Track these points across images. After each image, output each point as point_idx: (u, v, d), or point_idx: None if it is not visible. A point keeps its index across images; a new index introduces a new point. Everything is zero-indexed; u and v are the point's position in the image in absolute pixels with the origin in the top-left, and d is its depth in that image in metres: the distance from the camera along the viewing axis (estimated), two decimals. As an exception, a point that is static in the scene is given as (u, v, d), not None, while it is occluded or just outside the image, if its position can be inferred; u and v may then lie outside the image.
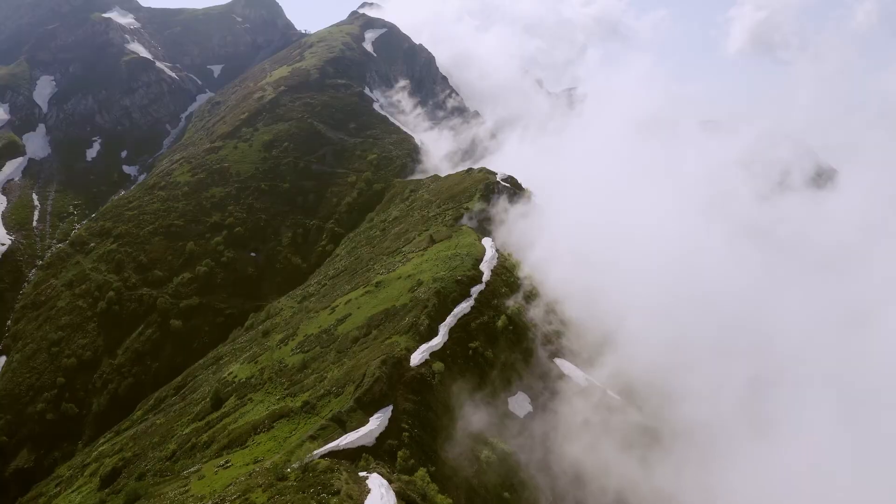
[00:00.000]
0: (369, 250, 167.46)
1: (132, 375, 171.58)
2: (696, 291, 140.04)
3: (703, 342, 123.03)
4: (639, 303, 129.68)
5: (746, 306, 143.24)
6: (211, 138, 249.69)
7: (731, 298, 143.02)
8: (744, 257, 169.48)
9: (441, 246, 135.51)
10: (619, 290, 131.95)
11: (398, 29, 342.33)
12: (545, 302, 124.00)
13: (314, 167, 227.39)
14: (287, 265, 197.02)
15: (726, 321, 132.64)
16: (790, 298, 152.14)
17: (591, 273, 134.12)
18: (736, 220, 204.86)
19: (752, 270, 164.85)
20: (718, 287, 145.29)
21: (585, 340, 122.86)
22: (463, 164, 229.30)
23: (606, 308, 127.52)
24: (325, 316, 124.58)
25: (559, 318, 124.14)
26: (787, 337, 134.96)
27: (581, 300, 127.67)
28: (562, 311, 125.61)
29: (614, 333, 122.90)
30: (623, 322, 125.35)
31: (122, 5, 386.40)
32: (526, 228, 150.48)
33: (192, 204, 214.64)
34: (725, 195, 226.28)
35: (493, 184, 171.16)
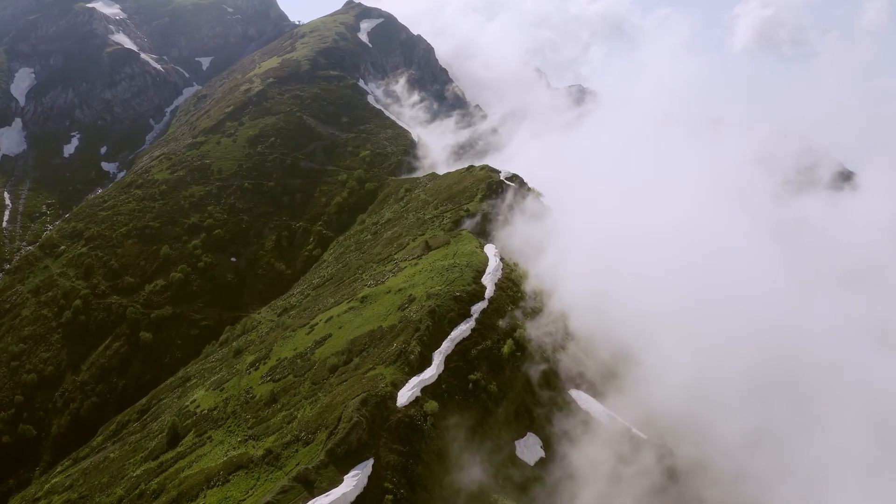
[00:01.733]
0: (358, 256, 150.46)
1: (96, 394, 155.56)
2: (723, 304, 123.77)
3: (735, 369, 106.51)
4: (663, 319, 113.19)
5: (778, 321, 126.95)
6: (193, 133, 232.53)
7: (761, 311, 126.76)
8: (771, 263, 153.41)
9: (437, 254, 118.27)
10: (640, 301, 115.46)
11: (395, 19, 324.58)
12: (558, 321, 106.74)
13: (302, 164, 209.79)
14: (270, 271, 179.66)
15: (759, 340, 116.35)
16: (823, 314, 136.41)
17: (609, 283, 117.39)
18: (757, 222, 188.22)
19: (780, 277, 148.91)
20: (746, 298, 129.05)
21: (605, 366, 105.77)
22: (463, 161, 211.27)
23: (627, 325, 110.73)
24: (303, 336, 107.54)
25: (574, 341, 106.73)
26: (823, 359, 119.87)
27: (598, 317, 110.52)
28: (577, 331, 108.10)
29: (637, 357, 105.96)
30: (646, 342, 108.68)
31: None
32: (534, 233, 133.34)
33: (170, 204, 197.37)
34: (744, 197, 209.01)
35: (497, 183, 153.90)
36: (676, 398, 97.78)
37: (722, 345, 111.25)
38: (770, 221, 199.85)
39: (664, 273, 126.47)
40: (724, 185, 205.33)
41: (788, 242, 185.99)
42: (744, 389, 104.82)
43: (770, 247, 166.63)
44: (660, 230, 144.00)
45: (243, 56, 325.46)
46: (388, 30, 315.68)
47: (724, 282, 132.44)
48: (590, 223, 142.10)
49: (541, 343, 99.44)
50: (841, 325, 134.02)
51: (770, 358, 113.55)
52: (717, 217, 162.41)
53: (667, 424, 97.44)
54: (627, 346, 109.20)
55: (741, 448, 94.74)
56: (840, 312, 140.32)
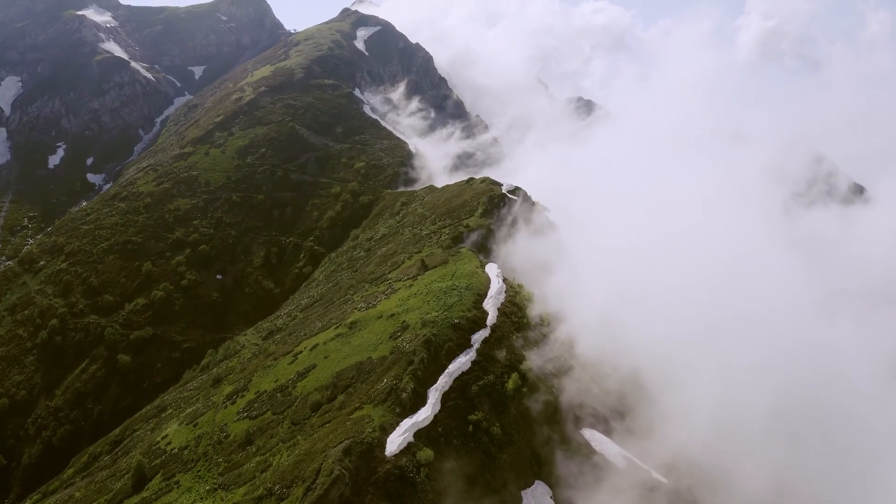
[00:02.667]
0: (350, 275, 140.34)
1: (70, 421, 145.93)
2: (743, 325, 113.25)
3: (761, 400, 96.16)
4: (680, 344, 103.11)
5: (803, 343, 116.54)
6: (181, 144, 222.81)
7: (783, 333, 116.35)
8: (789, 280, 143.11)
9: (435, 274, 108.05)
10: (655, 325, 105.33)
11: (393, 27, 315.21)
12: (567, 349, 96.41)
13: (294, 176, 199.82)
14: (257, 290, 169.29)
15: (783, 365, 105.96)
16: (848, 334, 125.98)
17: (622, 305, 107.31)
18: (772, 237, 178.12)
19: (801, 295, 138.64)
20: (767, 319, 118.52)
21: (620, 400, 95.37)
22: (463, 173, 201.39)
23: (643, 352, 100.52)
24: (285, 366, 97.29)
25: (585, 371, 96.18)
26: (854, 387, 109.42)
27: (611, 343, 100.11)
28: (588, 360, 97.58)
29: (655, 388, 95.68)
30: (664, 371, 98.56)
31: (99, 3, 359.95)
32: (539, 251, 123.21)
33: (154, 217, 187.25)
34: (757, 211, 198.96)
35: (499, 196, 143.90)
36: (699, 435, 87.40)
37: (745, 371, 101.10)
38: (784, 236, 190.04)
39: (680, 293, 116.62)
40: (737, 199, 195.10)
41: (804, 258, 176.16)
42: (771, 423, 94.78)
43: (787, 263, 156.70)
44: (673, 246, 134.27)
45: (237, 65, 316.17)
46: (386, 38, 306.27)
47: (742, 300, 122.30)
48: (599, 239, 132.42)
49: (549, 376, 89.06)
50: (870, 348, 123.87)
51: (797, 385, 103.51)
52: (732, 232, 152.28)
53: (689, 467, 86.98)
54: (644, 377, 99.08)
55: (772, 496, 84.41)
56: (867, 333, 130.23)
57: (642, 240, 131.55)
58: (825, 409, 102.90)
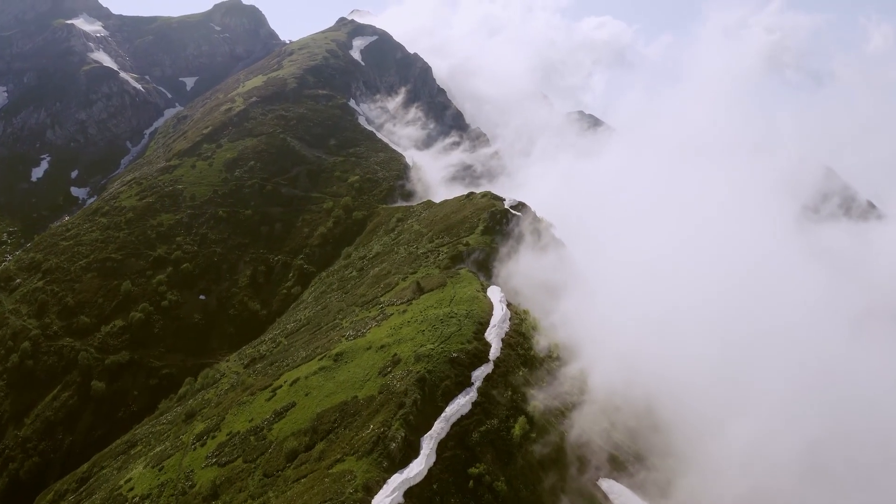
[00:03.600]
0: (340, 297, 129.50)
1: (38, 453, 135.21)
2: (769, 352, 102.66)
3: (796, 439, 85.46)
4: (705, 374, 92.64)
5: (834, 368, 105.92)
6: (167, 156, 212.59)
7: (813, 359, 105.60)
8: (812, 298, 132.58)
9: (431, 299, 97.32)
10: (676, 354, 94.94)
11: (391, 37, 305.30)
12: (580, 385, 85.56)
13: (284, 190, 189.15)
14: (242, 311, 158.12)
15: (816, 395, 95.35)
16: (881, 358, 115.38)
17: (639, 333, 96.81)
18: (794, 255, 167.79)
19: (826, 314, 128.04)
20: (794, 343, 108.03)
21: (641, 443, 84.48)
22: (462, 188, 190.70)
23: (665, 385, 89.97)
24: (262, 402, 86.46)
25: (601, 411, 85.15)
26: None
27: (629, 375, 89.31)
28: (604, 398, 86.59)
29: (680, 430, 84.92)
30: (688, 407, 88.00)
31: (90, 12, 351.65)
32: (546, 272, 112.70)
33: (135, 233, 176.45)
34: (775, 227, 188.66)
35: (501, 212, 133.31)
36: (732, 487, 76.60)
37: (777, 406, 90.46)
38: (804, 253, 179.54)
39: (699, 318, 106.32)
40: (753, 215, 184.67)
41: (826, 276, 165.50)
42: (809, 469, 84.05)
43: (810, 282, 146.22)
44: (690, 266, 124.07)
45: (230, 76, 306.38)
46: (383, 48, 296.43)
47: (767, 324, 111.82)
48: (611, 259, 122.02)
49: (560, 417, 78.12)
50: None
51: (831, 416, 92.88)
52: (750, 250, 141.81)
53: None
54: (664, 414, 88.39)
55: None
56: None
57: (657, 258, 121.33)
58: (861, 443, 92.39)
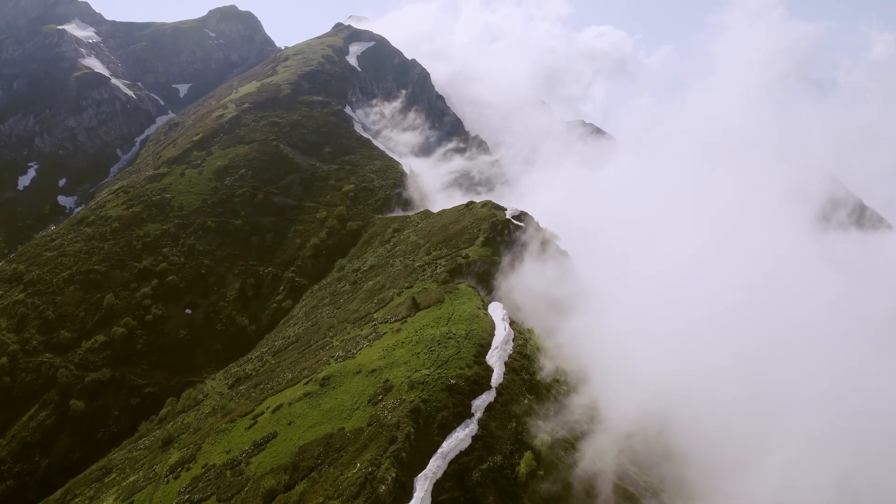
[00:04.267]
0: (331, 313, 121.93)
1: (13, 476, 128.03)
2: (798, 373, 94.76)
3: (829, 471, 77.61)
4: (728, 398, 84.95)
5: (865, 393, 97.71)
6: (155, 164, 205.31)
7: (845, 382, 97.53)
8: (835, 315, 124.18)
9: (428, 316, 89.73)
10: (695, 373, 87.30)
11: (388, 43, 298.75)
12: (591, 412, 77.77)
13: (276, 199, 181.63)
14: (230, 327, 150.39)
15: (848, 421, 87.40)
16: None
17: (654, 351, 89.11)
18: (812, 266, 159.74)
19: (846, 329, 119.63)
20: (823, 364, 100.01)
21: (662, 478, 76.62)
22: (461, 196, 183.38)
23: (684, 409, 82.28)
24: (241, 431, 78.73)
25: (614, 441, 77.26)
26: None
27: (644, 400, 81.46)
28: (617, 427, 78.64)
29: (703, 462, 77.13)
30: (710, 436, 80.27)
31: (83, 18, 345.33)
32: (551, 287, 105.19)
33: (121, 244, 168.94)
34: (789, 236, 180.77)
35: (502, 222, 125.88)
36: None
37: (806, 434, 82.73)
38: (815, 263, 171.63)
39: (717, 332, 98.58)
40: (761, 225, 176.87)
41: (841, 285, 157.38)
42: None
43: (830, 293, 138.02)
44: (704, 279, 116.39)
45: (224, 83, 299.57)
46: (380, 54, 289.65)
47: (791, 343, 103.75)
48: (620, 271, 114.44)
49: (569, 450, 70.33)
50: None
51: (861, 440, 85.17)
52: (767, 260, 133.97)
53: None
54: (683, 442, 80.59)
55: None
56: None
57: (668, 269, 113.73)
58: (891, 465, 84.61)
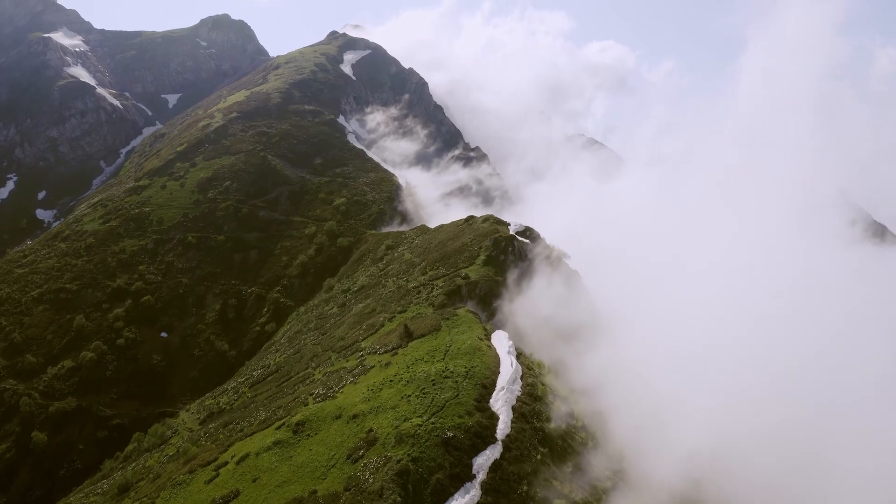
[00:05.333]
0: (316, 339, 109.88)
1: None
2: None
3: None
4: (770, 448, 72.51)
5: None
6: (136, 175, 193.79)
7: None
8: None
9: (422, 348, 77.74)
10: (730, 407, 75.18)
11: (385, 51, 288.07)
12: (616, 465, 65.64)
13: (262, 214, 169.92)
14: (208, 352, 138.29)
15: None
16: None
17: (681, 385, 77.06)
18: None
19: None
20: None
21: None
22: (461, 210, 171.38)
23: (720, 454, 70.03)
24: (200, 486, 66.55)
25: (637, 494, 65.05)
26: None
27: (672, 447, 69.45)
28: (642, 476, 66.48)
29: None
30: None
31: (71, 26, 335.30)
32: (562, 311, 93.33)
33: (94, 261, 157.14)
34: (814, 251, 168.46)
35: (506, 239, 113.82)
36: None
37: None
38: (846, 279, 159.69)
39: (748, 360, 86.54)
40: (785, 240, 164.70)
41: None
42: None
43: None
44: (731, 300, 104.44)
45: (214, 93, 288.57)
46: (376, 62, 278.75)
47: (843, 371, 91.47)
48: (641, 295, 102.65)
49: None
50: None
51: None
52: (805, 285, 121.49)
53: None
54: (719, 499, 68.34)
55: None
56: None
57: (689, 288, 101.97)
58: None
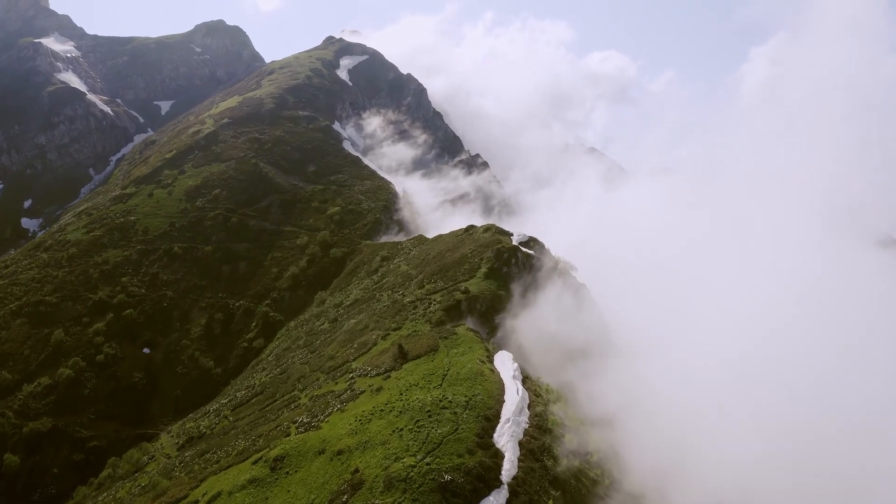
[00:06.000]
0: (304, 357, 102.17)
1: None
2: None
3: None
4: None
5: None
6: (123, 183, 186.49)
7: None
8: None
9: (417, 372, 70.06)
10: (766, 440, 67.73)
11: (382, 56, 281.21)
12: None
13: (252, 223, 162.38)
14: (192, 369, 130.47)
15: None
16: None
17: (709, 411, 69.65)
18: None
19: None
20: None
21: None
22: (460, 220, 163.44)
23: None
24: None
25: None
26: None
27: (699, 484, 61.90)
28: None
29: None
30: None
31: (63, 32, 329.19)
32: (571, 328, 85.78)
33: (76, 272, 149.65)
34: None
35: (509, 250, 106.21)
36: None
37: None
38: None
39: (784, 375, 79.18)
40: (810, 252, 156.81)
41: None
42: None
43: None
44: (760, 314, 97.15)
45: (207, 99, 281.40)
46: (373, 68, 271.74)
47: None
48: (652, 306, 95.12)
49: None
50: None
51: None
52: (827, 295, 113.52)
53: None
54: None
55: None
56: None
57: (720, 307, 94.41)
58: None
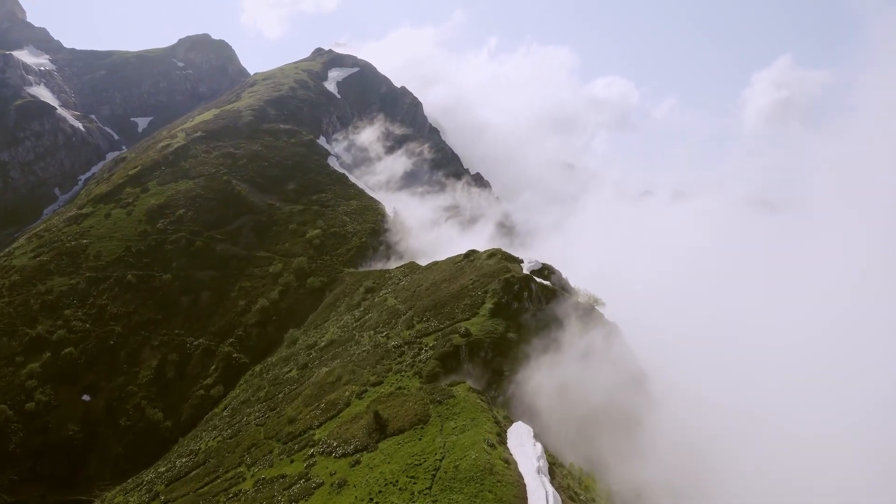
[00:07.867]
0: (261, 417, 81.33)
1: None
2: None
3: None
4: None
5: None
6: (80, 202, 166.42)
7: None
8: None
9: (397, 458, 49.36)
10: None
11: (374, 69, 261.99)
12: None
13: (219, 248, 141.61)
14: (139, 421, 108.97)
15: None
16: None
17: None
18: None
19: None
20: None
21: None
22: (459, 245, 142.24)
23: None
24: None
25: None
26: None
27: None
28: None
29: None
30: None
31: (38, 45, 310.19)
32: (602, 382, 65.33)
33: (15, 303, 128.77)
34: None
35: (520, 281, 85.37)
36: None
37: None
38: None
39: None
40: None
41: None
42: None
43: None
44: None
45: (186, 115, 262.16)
46: (364, 80, 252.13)
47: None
48: (692, 345, 75.25)
49: None
50: None
51: None
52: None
53: None
54: None
55: None
56: None
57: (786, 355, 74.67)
58: None
